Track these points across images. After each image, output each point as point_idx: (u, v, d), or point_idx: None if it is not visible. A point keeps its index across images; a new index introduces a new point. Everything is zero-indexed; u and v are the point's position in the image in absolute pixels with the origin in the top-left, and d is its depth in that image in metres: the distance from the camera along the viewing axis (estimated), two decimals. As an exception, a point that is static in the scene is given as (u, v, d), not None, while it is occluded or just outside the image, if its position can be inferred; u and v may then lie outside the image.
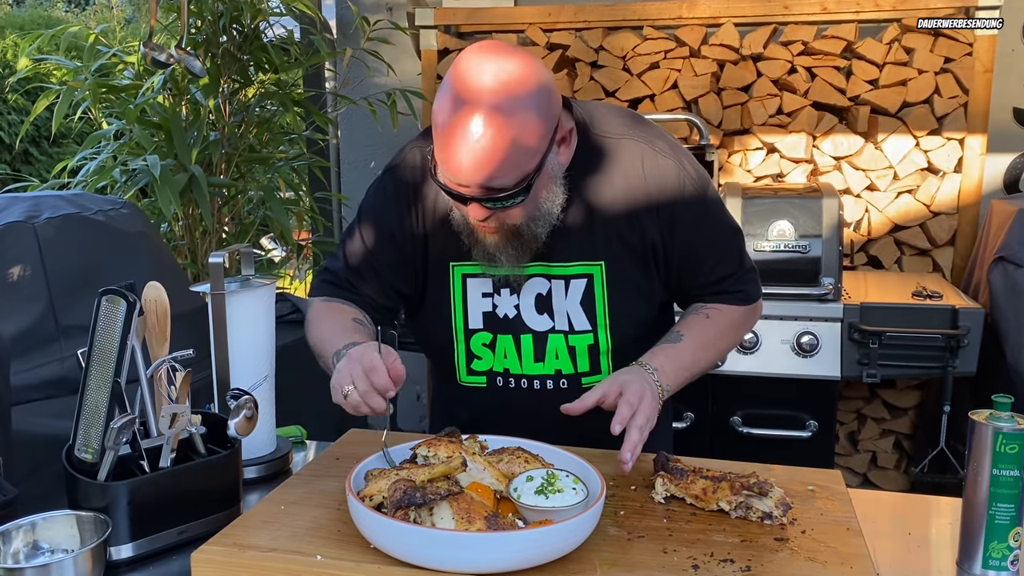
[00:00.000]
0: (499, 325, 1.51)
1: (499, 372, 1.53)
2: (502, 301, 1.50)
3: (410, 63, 3.72)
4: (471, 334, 1.52)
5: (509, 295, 1.50)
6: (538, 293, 1.49)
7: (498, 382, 1.53)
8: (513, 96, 1.26)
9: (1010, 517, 1.13)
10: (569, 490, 1.17)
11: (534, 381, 1.52)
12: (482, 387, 1.55)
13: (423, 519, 1.09)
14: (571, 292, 1.48)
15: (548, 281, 1.48)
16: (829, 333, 2.71)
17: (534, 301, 1.49)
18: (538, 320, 1.50)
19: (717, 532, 1.18)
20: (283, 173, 3.17)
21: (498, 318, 1.50)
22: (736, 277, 1.54)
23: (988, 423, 1.13)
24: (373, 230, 1.55)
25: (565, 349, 1.50)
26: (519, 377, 1.52)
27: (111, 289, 1.15)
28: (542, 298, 1.49)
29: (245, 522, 1.20)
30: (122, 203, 2.25)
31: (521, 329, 1.50)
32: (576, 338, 1.50)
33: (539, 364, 1.51)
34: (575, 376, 1.52)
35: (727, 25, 3.30)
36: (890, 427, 3.29)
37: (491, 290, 1.50)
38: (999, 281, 2.68)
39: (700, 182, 1.49)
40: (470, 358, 1.53)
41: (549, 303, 1.49)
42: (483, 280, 1.50)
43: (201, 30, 2.96)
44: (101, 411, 1.16)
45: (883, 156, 3.22)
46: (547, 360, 1.51)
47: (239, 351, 1.43)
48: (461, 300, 1.51)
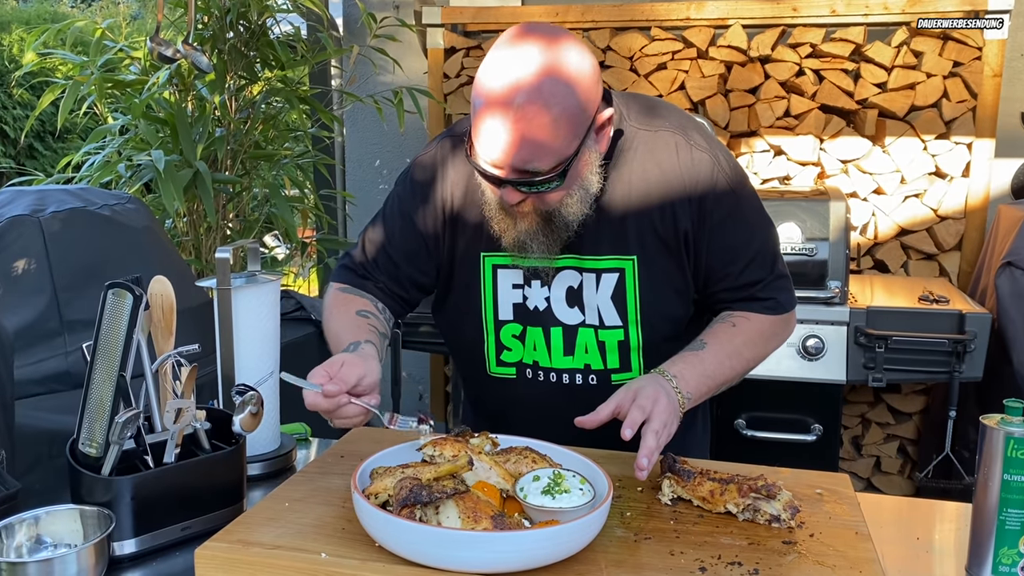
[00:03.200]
0: (529, 317, 1.49)
1: (528, 364, 1.51)
2: (533, 293, 1.48)
3: (416, 61, 3.72)
4: (501, 325, 1.50)
5: (540, 287, 1.48)
6: (569, 286, 1.47)
7: (527, 374, 1.52)
8: (555, 79, 1.25)
9: (1020, 523, 1.12)
10: (576, 491, 1.16)
11: (563, 375, 1.50)
12: (511, 379, 1.53)
13: (429, 518, 1.08)
14: (602, 286, 1.46)
15: (579, 274, 1.47)
16: (835, 337, 2.70)
17: (565, 294, 1.48)
18: (569, 313, 1.48)
19: (725, 534, 1.17)
20: (288, 170, 3.16)
21: (528, 310, 1.49)
22: (766, 283, 1.49)
23: (999, 427, 1.12)
24: (393, 220, 1.54)
25: (595, 344, 1.48)
26: (548, 371, 1.50)
27: (117, 283, 1.14)
28: (573, 291, 1.47)
29: (249, 519, 1.19)
30: (128, 198, 2.25)
31: (551, 322, 1.48)
32: (606, 333, 1.48)
33: (568, 358, 1.49)
34: (605, 372, 1.50)
35: (735, 27, 3.29)
36: (895, 432, 3.28)
37: (522, 281, 1.48)
38: (1006, 286, 2.66)
39: (735, 177, 1.46)
40: (500, 349, 1.52)
41: (580, 296, 1.47)
42: (514, 272, 1.48)
43: (208, 26, 2.96)
44: (106, 405, 1.15)
45: (891, 160, 3.21)
46: (576, 354, 1.49)
47: (245, 347, 1.43)
48: (492, 291, 1.50)
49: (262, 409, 1.26)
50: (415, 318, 2.96)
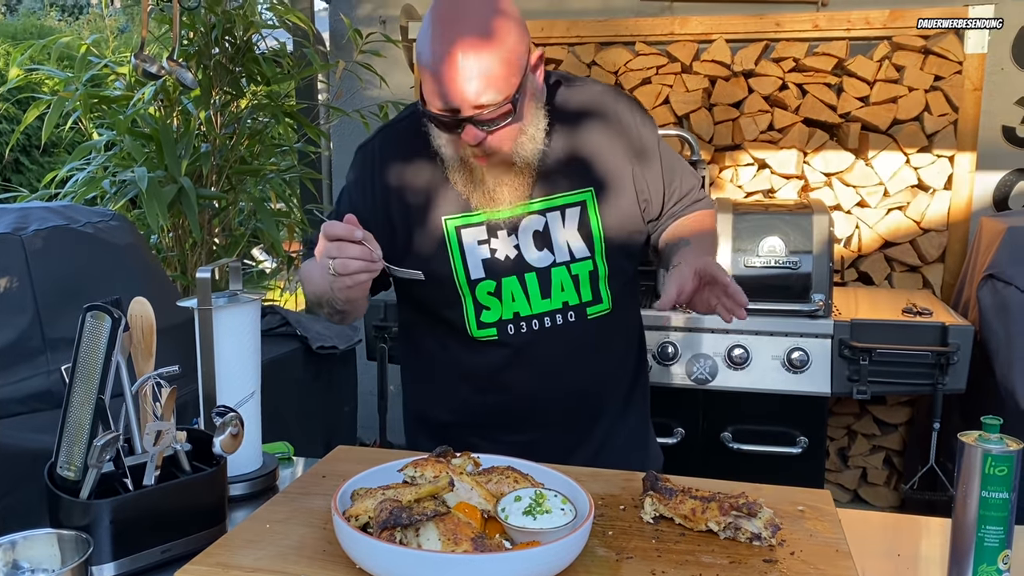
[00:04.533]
0: (501, 268, 1.54)
1: (508, 319, 1.55)
2: (500, 244, 1.54)
3: (403, 76, 3.73)
4: (475, 285, 1.54)
5: (507, 236, 1.54)
6: (535, 230, 1.54)
7: (509, 330, 1.55)
8: (491, 18, 1.37)
9: (999, 540, 1.12)
10: (557, 511, 1.16)
11: (544, 319, 1.56)
12: (493, 340, 1.56)
13: (409, 540, 1.08)
14: (568, 220, 1.54)
15: (543, 216, 1.54)
16: (819, 349, 2.71)
17: (532, 238, 1.54)
18: (539, 256, 1.54)
19: (706, 553, 1.17)
20: (274, 185, 3.16)
21: (499, 261, 1.54)
22: (698, 188, 1.69)
23: (977, 445, 1.13)
24: (343, 204, 1.63)
25: (569, 279, 1.55)
26: (529, 319, 1.55)
27: (96, 305, 1.14)
28: (539, 234, 1.54)
29: (230, 541, 1.19)
30: (111, 215, 2.24)
31: (524, 268, 1.54)
32: (577, 266, 1.55)
33: (546, 300, 1.55)
34: (581, 307, 1.57)
35: (719, 41, 3.31)
36: (880, 443, 3.30)
37: (486, 236, 1.54)
38: (988, 298, 2.68)
39: (649, 116, 1.65)
40: (479, 310, 1.55)
41: (548, 238, 1.54)
42: (477, 229, 1.53)
43: (193, 42, 2.96)
44: (84, 428, 1.14)
45: (873, 173, 3.24)
46: (553, 295, 1.55)
47: (226, 366, 1.42)
48: (459, 252, 1.54)
49: (243, 430, 1.26)
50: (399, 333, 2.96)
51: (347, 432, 3.08)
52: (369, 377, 3.38)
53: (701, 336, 2.75)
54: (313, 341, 2.79)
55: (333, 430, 2.96)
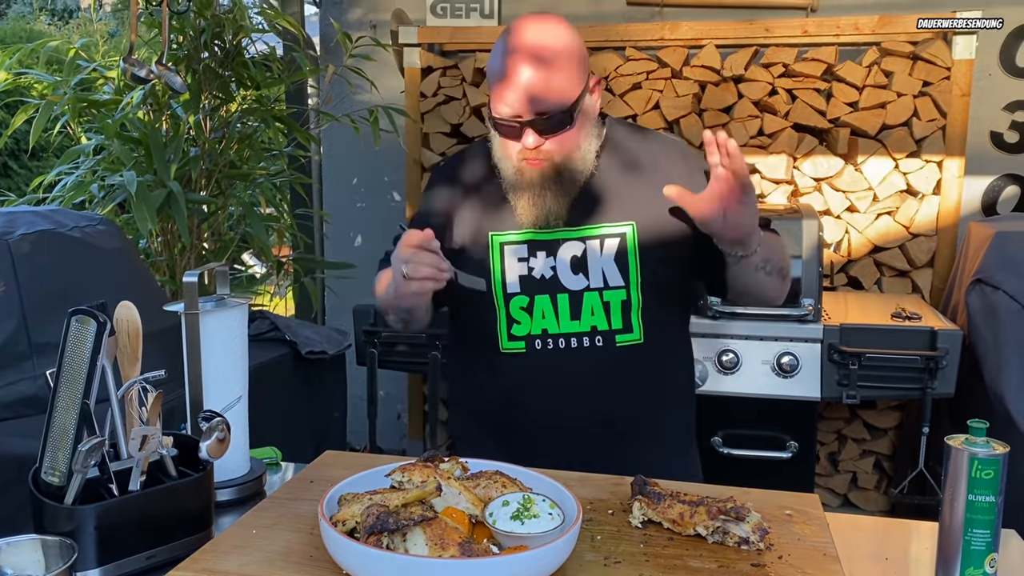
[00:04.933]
0: (536, 286, 1.61)
1: (537, 335, 1.61)
2: (538, 263, 1.62)
3: (393, 80, 3.73)
4: (510, 298, 1.62)
5: (545, 257, 1.61)
6: (573, 255, 1.61)
7: (536, 345, 1.61)
8: (556, 36, 1.53)
9: (986, 543, 1.13)
10: (545, 515, 1.15)
11: (571, 339, 1.60)
12: (521, 353, 1.62)
13: (396, 545, 1.08)
14: (606, 250, 1.60)
15: (583, 243, 1.61)
16: (809, 354, 2.72)
17: (569, 262, 1.61)
18: (573, 280, 1.60)
19: (694, 557, 1.17)
20: (264, 189, 3.15)
21: (535, 279, 1.61)
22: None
23: (964, 448, 1.13)
24: (418, 217, 1.75)
25: (600, 305, 1.60)
26: (556, 337, 1.60)
27: (81, 309, 1.13)
28: (577, 259, 1.61)
29: (216, 546, 1.18)
30: (99, 219, 2.23)
31: (557, 288, 1.60)
32: (610, 294, 1.59)
33: (575, 322, 1.60)
34: (610, 333, 1.60)
35: (709, 47, 3.32)
36: (870, 448, 3.30)
37: (527, 255, 1.62)
38: (976, 303, 2.69)
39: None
40: (510, 323, 1.62)
41: (584, 263, 1.60)
42: (519, 247, 1.62)
43: (183, 46, 2.95)
44: (69, 433, 1.13)
45: (863, 178, 3.25)
46: (583, 318, 1.60)
47: (213, 371, 1.41)
48: (500, 265, 1.63)
49: (229, 435, 1.25)
50: (392, 338, 2.96)
51: (336, 437, 3.07)
52: (358, 382, 3.37)
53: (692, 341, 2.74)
54: (302, 346, 2.78)
55: (322, 435, 2.95)
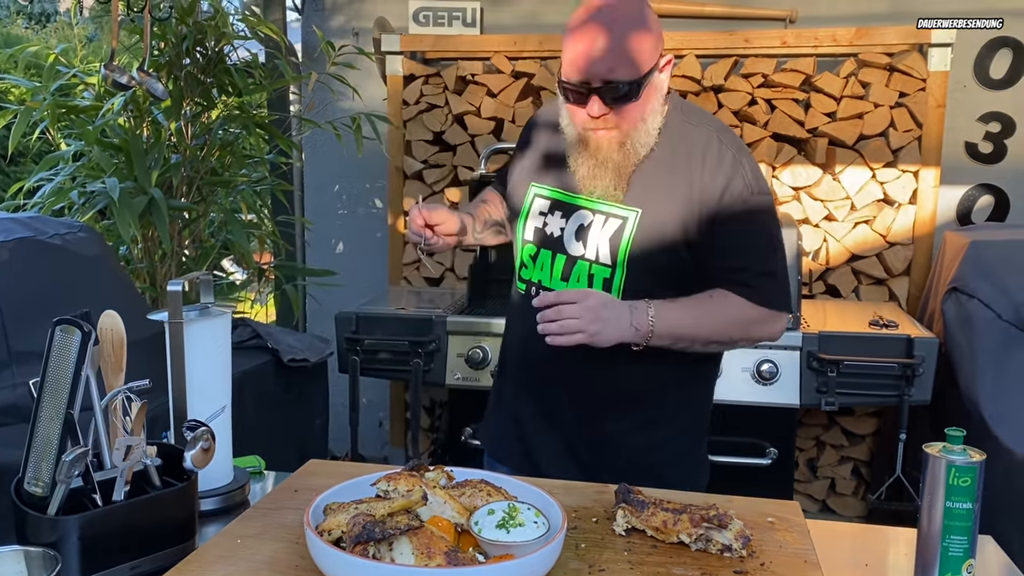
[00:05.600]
0: (544, 240, 1.70)
1: (535, 282, 1.72)
2: (552, 221, 1.70)
3: (375, 87, 3.73)
4: (524, 244, 1.74)
5: (560, 218, 1.69)
6: (580, 223, 1.67)
7: (532, 291, 1.71)
8: (635, 12, 1.54)
9: (964, 549, 1.15)
10: (530, 523, 1.16)
11: None
12: (524, 294, 1.74)
13: (382, 554, 1.08)
14: (606, 227, 1.64)
15: (592, 215, 1.66)
16: (788, 361, 2.75)
17: (576, 229, 1.67)
18: (575, 245, 1.67)
19: (677, 565, 1.18)
20: (245, 196, 3.14)
21: (545, 234, 1.70)
22: (754, 272, 1.60)
23: (941, 456, 1.15)
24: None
25: (587, 276, 1.66)
26: (548, 291, 1.66)
27: (65, 319, 1.13)
28: (582, 228, 1.67)
29: (201, 556, 1.18)
30: (79, 226, 2.22)
31: (559, 249, 1.69)
32: (597, 268, 1.65)
33: (564, 283, 1.68)
34: None
35: (689, 57, 3.35)
36: (848, 454, 3.34)
37: (547, 211, 1.71)
38: (952, 311, 2.74)
39: (753, 185, 1.60)
40: (521, 265, 1.76)
41: (586, 234, 1.66)
42: (545, 202, 1.72)
43: (164, 52, 2.94)
44: (53, 443, 1.13)
45: (841, 187, 3.29)
46: (570, 282, 1.67)
47: (197, 380, 1.41)
48: (527, 213, 1.74)
49: (214, 444, 1.25)
50: (374, 345, 2.95)
51: (319, 445, 3.06)
52: (339, 390, 3.37)
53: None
54: (284, 354, 2.77)
55: (305, 443, 2.94)
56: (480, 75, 3.51)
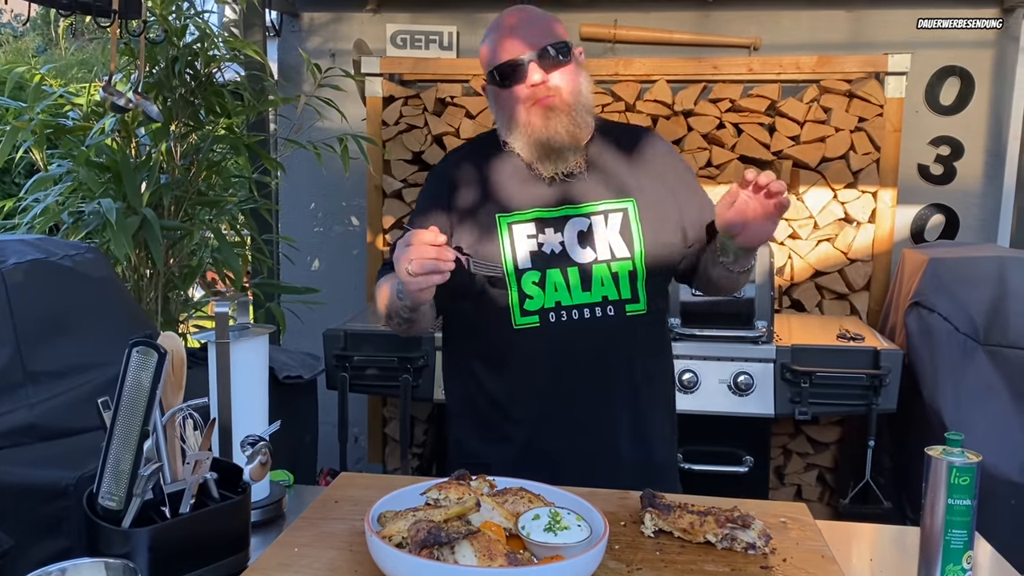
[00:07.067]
0: (546, 260, 1.69)
1: (551, 308, 1.68)
2: (547, 239, 1.70)
3: (355, 108, 3.79)
4: (521, 274, 1.68)
5: (553, 233, 1.70)
6: (579, 230, 1.70)
7: (550, 318, 1.68)
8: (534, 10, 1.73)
9: (963, 542, 1.27)
10: (575, 527, 1.26)
11: (584, 310, 1.69)
12: (535, 327, 1.68)
13: (445, 557, 1.16)
14: (611, 223, 1.71)
15: (588, 219, 1.71)
16: (763, 373, 2.89)
17: (576, 237, 1.70)
18: (582, 253, 1.70)
19: (707, 562, 1.29)
20: (230, 216, 3.18)
21: (545, 254, 1.69)
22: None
23: (943, 458, 1.28)
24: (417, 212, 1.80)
25: (609, 276, 1.69)
26: (570, 308, 1.68)
27: (141, 341, 1.19)
28: (583, 234, 1.70)
29: (263, 565, 1.24)
30: (86, 248, 2.24)
31: (567, 262, 1.69)
32: (618, 264, 1.70)
33: (587, 293, 1.69)
34: (620, 303, 1.70)
35: (660, 82, 3.50)
36: (814, 461, 3.49)
37: (535, 232, 1.70)
38: (914, 324, 2.91)
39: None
40: (523, 299, 1.68)
41: (591, 237, 1.70)
42: (527, 225, 1.70)
43: (153, 74, 2.97)
44: (129, 459, 1.19)
45: (804, 207, 3.45)
46: (594, 288, 1.69)
47: (240, 397, 1.47)
48: (510, 244, 1.70)
49: (271, 459, 1.32)
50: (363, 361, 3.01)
51: (307, 462, 3.10)
52: (325, 406, 3.41)
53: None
54: (279, 371, 2.82)
55: (294, 460, 2.97)
56: (459, 97, 3.60)
